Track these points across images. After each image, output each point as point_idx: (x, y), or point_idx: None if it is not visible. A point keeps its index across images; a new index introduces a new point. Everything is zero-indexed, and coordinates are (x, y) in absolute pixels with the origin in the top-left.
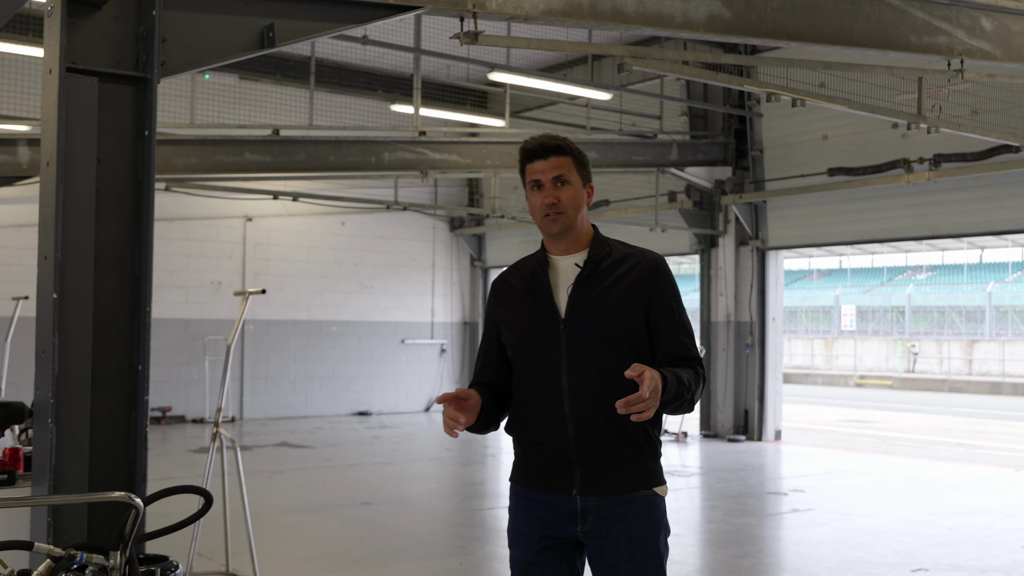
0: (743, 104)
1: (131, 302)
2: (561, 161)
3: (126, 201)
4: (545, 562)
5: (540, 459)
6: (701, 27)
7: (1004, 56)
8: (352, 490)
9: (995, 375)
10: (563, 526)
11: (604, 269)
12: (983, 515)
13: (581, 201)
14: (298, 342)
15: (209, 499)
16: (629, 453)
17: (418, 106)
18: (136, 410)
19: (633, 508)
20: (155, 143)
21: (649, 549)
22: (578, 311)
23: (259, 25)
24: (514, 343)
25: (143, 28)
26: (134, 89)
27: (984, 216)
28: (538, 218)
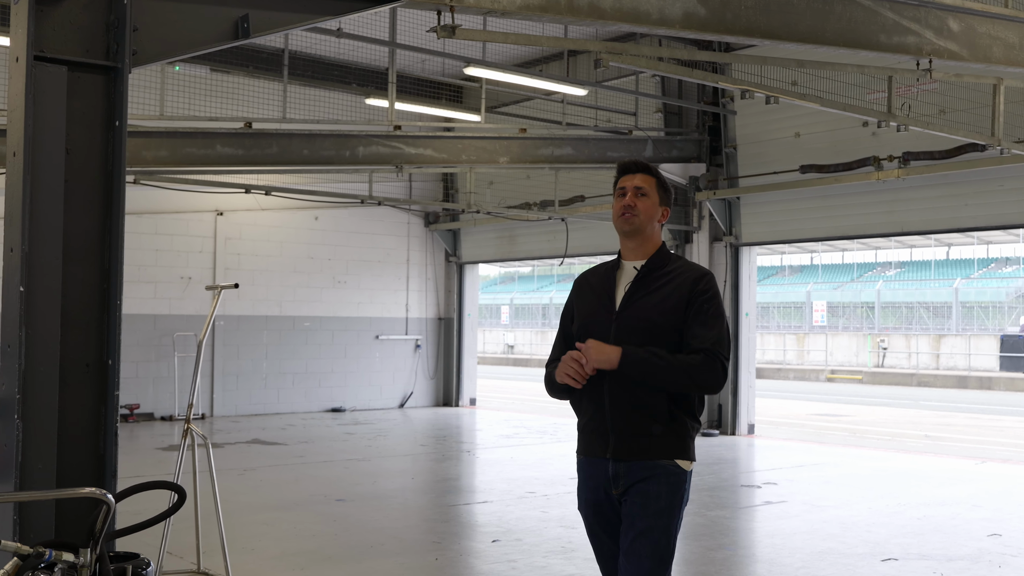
0: (717, 102)
1: (100, 295)
2: (646, 178)
3: (96, 193)
4: (599, 523)
5: (588, 430)
6: (676, 24)
7: (970, 56)
8: (326, 487)
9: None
10: (604, 490)
11: (657, 275)
12: (950, 505)
13: (654, 214)
14: (270, 338)
15: (182, 494)
16: (655, 427)
17: (393, 100)
18: (106, 405)
19: (655, 474)
20: (126, 134)
21: (662, 508)
22: (629, 306)
23: (233, 15)
24: (576, 329)
25: (114, 17)
26: (104, 79)
27: (951, 213)
28: (615, 218)
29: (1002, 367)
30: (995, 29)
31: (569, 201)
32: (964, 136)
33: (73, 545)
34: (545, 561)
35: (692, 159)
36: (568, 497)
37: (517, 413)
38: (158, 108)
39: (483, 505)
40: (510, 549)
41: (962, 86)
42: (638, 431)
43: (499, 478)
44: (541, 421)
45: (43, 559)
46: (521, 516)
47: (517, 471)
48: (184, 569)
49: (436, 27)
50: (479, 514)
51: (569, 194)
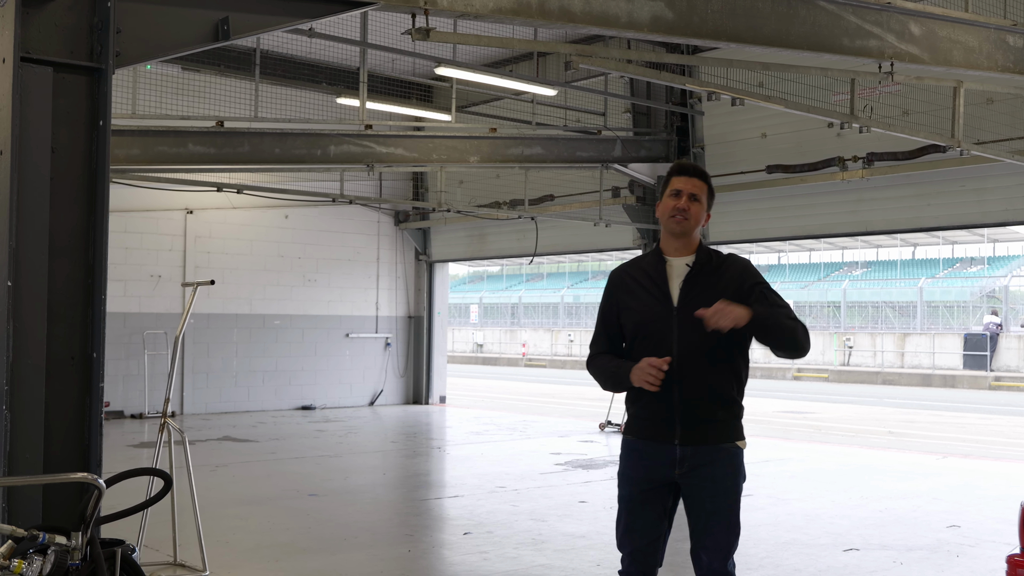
0: (685, 102)
1: (85, 291)
2: (701, 184)
3: (80, 191)
4: (645, 500)
5: (649, 417)
6: (645, 27)
7: (931, 60)
8: (298, 482)
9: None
10: (664, 471)
11: (709, 270)
12: (911, 498)
13: (701, 217)
14: (240, 336)
15: (168, 481)
16: (720, 414)
17: (364, 100)
18: (90, 397)
19: (719, 456)
20: (110, 133)
21: (728, 488)
22: (689, 300)
23: (214, 18)
24: (633, 324)
25: (97, 19)
26: (88, 79)
27: (914, 213)
28: (665, 217)
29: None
30: (955, 33)
31: (539, 200)
32: (925, 137)
33: (65, 529)
34: (516, 552)
35: (660, 159)
36: (537, 492)
37: (487, 411)
38: (130, 107)
39: (454, 499)
40: (481, 541)
41: (924, 88)
42: (705, 418)
43: (469, 473)
44: (511, 418)
45: (37, 541)
46: (492, 510)
47: (487, 467)
48: (161, 561)
49: (411, 29)
50: (450, 508)
51: (538, 193)
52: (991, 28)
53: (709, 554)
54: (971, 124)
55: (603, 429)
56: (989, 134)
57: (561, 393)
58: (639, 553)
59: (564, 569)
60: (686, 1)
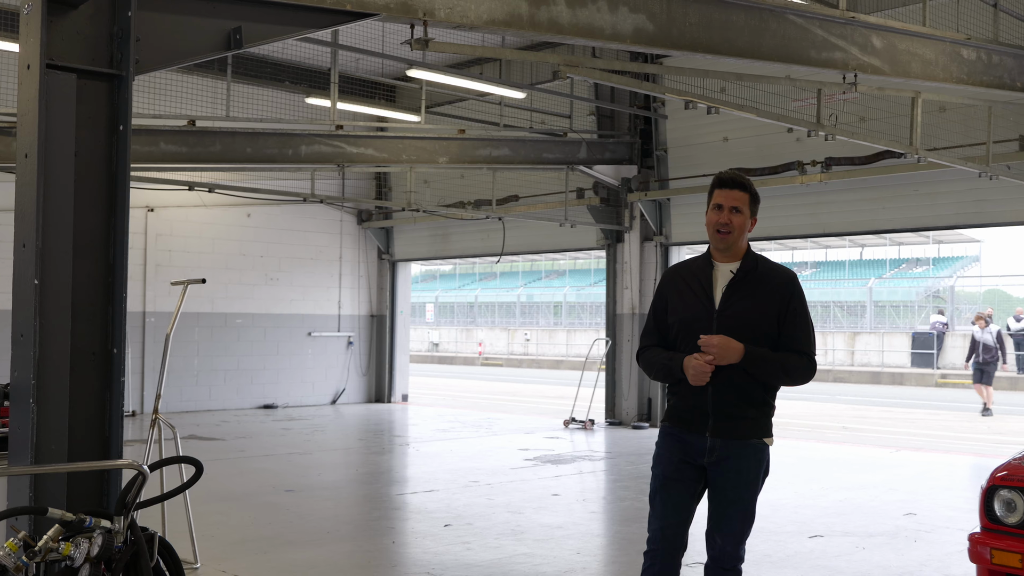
0: (649, 106)
1: (106, 288)
2: (742, 195)
3: (101, 192)
4: (679, 478)
5: (686, 409)
6: (628, 39)
7: (892, 71)
8: (272, 479)
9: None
10: (695, 456)
11: (752, 278)
12: (868, 489)
13: (745, 227)
14: (202, 335)
15: (200, 468)
16: (750, 411)
17: (335, 100)
18: (111, 391)
19: (746, 451)
20: (130, 137)
21: (751, 480)
22: (730, 305)
23: (227, 27)
24: (676, 322)
25: (117, 28)
26: (108, 86)
27: (870, 216)
28: (711, 231)
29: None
30: (914, 46)
31: (503, 200)
32: (885, 145)
33: (108, 514)
34: (498, 543)
35: (624, 161)
36: (511, 486)
37: (450, 408)
38: None
39: (430, 494)
40: (462, 532)
41: (878, 97)
42: (736, 414)
43: (442, 469)
44: (475, 416)
45: (84, 525)
46: (468, 503)
47: (458, 462)
48: None
49: (410, 40)
50: (427, 502)
51: (503, 194)
52: (947, 42)
53: (724, 538)
54: (925, 132)
55: (567, 426)
56: (942, 141)
57: (521, 391)
58: (669, 529)
59: (545, 557)
60: (666, 15)
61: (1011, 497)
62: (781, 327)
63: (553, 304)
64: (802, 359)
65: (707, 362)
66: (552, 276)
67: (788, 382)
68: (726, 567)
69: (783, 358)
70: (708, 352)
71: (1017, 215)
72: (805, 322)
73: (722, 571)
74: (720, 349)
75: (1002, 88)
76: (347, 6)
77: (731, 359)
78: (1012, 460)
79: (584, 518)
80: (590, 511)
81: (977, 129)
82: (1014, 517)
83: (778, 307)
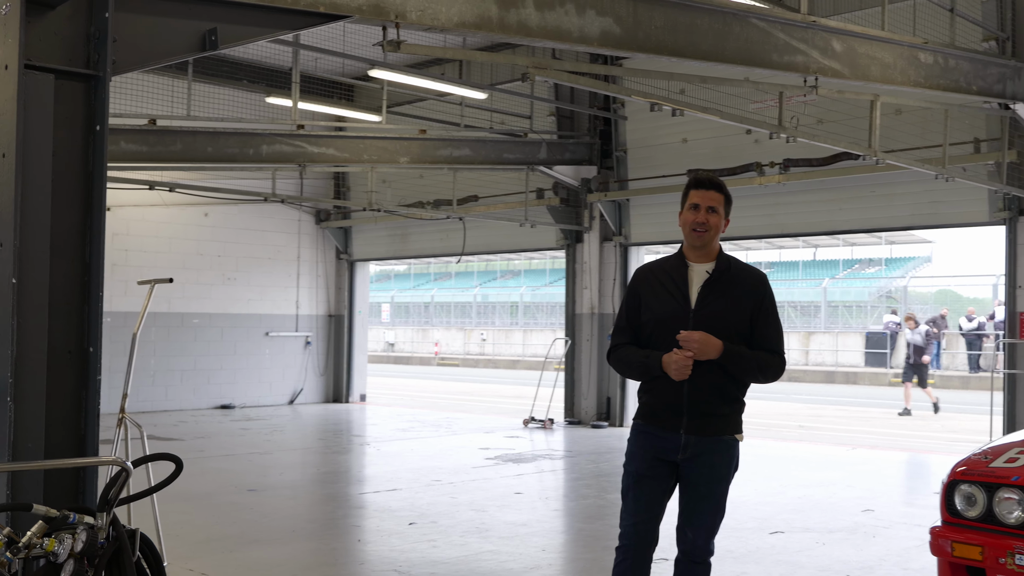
0: (608, 107)
1: (82, 287)
2: (717, 196)
3: (78, 192)
4: (652, 475)
5: (659, 406)
6: (595, 42)
7: (851, 75)
8: (233, 478)
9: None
10: (669, 453)
11: (726, 278)
12: (827, 486)
13: (720, 226)
14: (158, 334)
15: (180, 464)
16: (724, 408)
17: (296, 100)
18: (87, 389)
19: (718, 447)
20: (107, 137)
21: (723, 476)
22: (706, 305)
23: (202, 28)
24: (651, 321)
25: (94, 28)
26: (85, 86)
27: (827, 217)
28: (687, 230)
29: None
30: (873, 50)
31: (463, 201)
32: (844, 147)
33: (91, 510)
34: (463, 540)
35: (584, 162)
36: (473, 484)
37: (408, 408)
38: None
39: (393, 492)
40: (428, 530)
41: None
42: (710, 412)
43: (403, 468)
44: (434, 416)
45: (68, 521)
46: (432, 501)
47: (420, 461)
48: None
49: (382, 41)
50: (391, 500)
51: (463, 194)
52: (905, 46)
53: (696, 532)
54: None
55: (527, 425)
56: (898, 143)
57: (479, 391)
58: (642, 525)
59: (511, 554)
60: (632, 18)
61: (971, 491)
62: (754, 326)
63: (510, 304)
64: (775, 357)
65: (687, 356)
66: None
67: (762, 379)
68: (697, 560)
69: (758, 355)
70: (688, 348)
71: (970, 216)
72: (776, 321)
73: (693, 564)
74: (701, 344)
75: (958, 92)
76: (320, 8)
77: (710, 355)
78: (972, 455)
79: (547, 516)
80: (553, 509)
81: (933, 132)
82: (974, 511)
83: (751, 307)
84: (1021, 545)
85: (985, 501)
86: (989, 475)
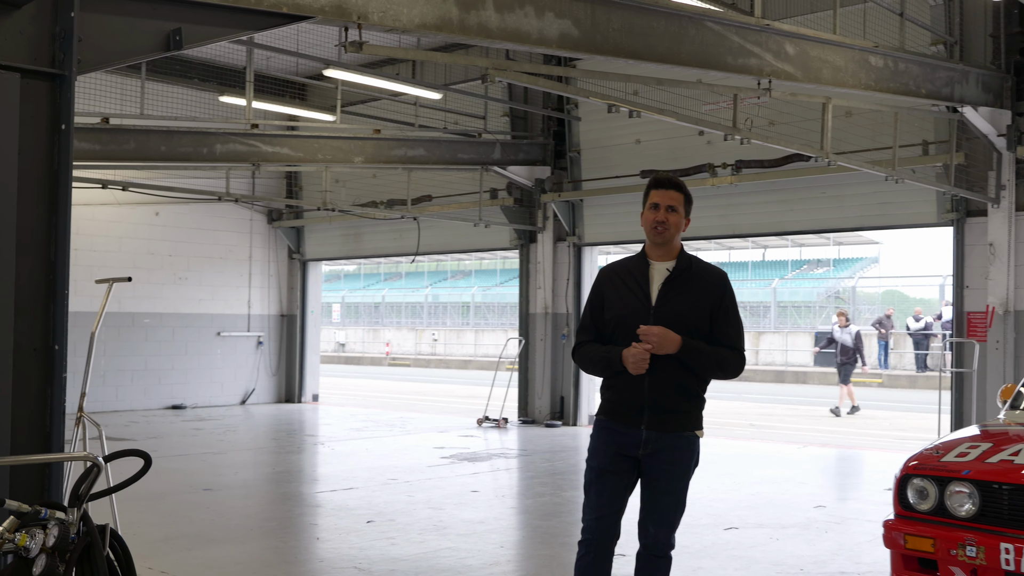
0: (562, 108)
1: (47, 286)
2: (677, 196)
3: (43, 190)
4: (615, 470)
5: (621, 402)
6: (554, 44)
7: (804, 77)
8: (189, 478)
9: (779, 364)
10: (630, 449)
11: (687, 277)
12: (779, 483)
13: (680, 225)
14: (108, 334)
15: (148, 460)
16: (684, 404)
17: (251, 99)
18: (52, 387)
19: (679, 442)
20: (72, 136)
21: (683, 471)
22: (666, 302)
23: (167, 28)
24: (614, 318)
25: (60, 28)
26: (51, 85)
27: (778, 217)
28: (648, 229)
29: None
30: (825, 53)
31: (417, 200)
32: (797, 149)
33: (62, 506)
34: (421, 537)
35: (538, 162)
36: (429, 483)
37: (361, 408)
38: None
39: (349, 491)
40: (386, 528)
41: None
42: (671, 407)
43: (359, 467)
44: (387, 415)
45: (40, 517)
46: (389, 500)
47: (375, 460)
48: None
49: (344, 42)
50: (348, 499)
51: (416, 193)
52: (856, 49)
53: (657, 526)
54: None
55: (481, 424)
56: (848, 145)
57: (431, 391)
58: (604, 519)
59: (470, 551)
60: (590, 20)
61: (923, 485)
62: (713, 323)
63: (461, 304)
64: (733, 353)
65: (645, 350)
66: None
67: (721, 375)
68: (658, 554)
69: (717, 351)
70: (647, 341)
71: (919, 217)
72: (736, 319)
73: (655, 558)
74: (659, 338)
75: (907, 95)
76: (284, 9)
77: (668, 349)
78: (924, 451)
79: (504, 513)
80: (509, 507)
81: (883, 134)
82: (926, 504)
83: (711, 304)
84: (972, 537)
85: (937, 494)
86: (941, 469)
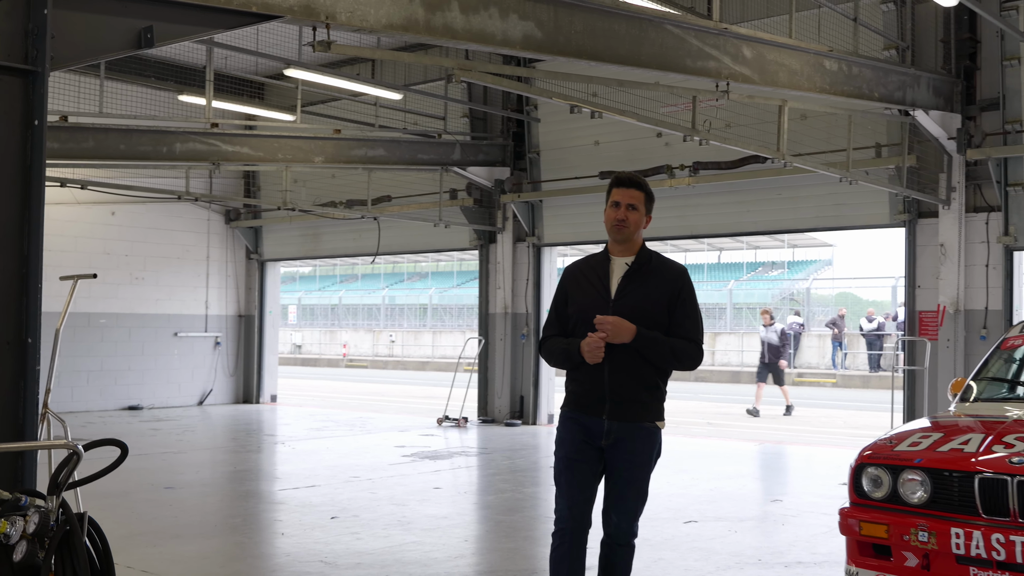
0: (521, 109)
1: (20, 280)
2: (638, 194)
3: (15, 186)
4: (582, 459)
5: (583, 393)
6: (517, 45)
7: (761, 80)
8: (149, 477)
9: (735, 365)
10: (594, 439)
11: (646, 271)
12: (736, 479)
13: (640, 222)
14: (64, 334)
15: (125, 449)
16: (644, 395)
17: (210, 97)
18: (26, 379)
19: (640, 433)
20: (45, 132)
21: (644, 461)
22: (625, 295)
23: (138, 26)
24: (575, 313)
25: (32, 24)
26: (23, 81)
27: (735, 218)
28: (609, 226)
29: None
30: (781, 57)
31: (377, 201)
32: (755, 150)
33: (41, 494)
34: (386, 532)
35: (497, 163)
36: (391, 480)
37: (320, 408)
38: None
39: (312, 489)
40: (350, 524)
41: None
42: (630, 398)
43: (320, 465)
44: (347, 416)
45: (20, 503)
46: (352, 497)
47: (336, 459)
48: None
49: (312, 42)
50: (311, 496)
51: (376, 194)
52: (811, 53)
53: (620, 515)
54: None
55: (441, 424)
56: (804, 147)
57: (390, 392)
58: (576, 507)
59: (435, 545)
60: (553, 23)
61: (877, 474)
62: (671, 315)
63: (418, 306)
64: (690, 345)
65: (600, 339)
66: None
67: (677, 365)
68: (621, 543)
69: (672, 342)
70: (602, 330)
71: (872, 219)
72: (694, 311)
73: (618, 547)
74: (614, 327)
75: (861, 98)
76: (253, 8)
77: (623, 338)
78: (878, 440)
79: (467, 509)
80: (472, 503)
81: (838, 137)
82: (880, 492)
83: (669, 297)
84: (924, 523)
85: (890, 482)
86: (894, 458)
